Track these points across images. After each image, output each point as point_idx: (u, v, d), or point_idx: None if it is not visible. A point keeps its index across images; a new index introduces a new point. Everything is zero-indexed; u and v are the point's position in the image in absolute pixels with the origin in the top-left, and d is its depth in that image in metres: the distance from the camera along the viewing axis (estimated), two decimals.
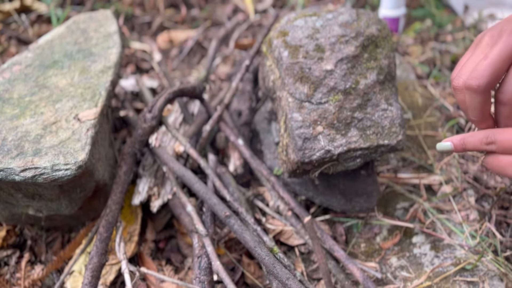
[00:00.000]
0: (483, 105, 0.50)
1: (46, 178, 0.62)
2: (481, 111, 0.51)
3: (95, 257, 0.68)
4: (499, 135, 0.49)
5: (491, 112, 0.53)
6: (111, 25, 0.93)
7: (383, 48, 0.77)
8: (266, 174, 0.83)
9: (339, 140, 0.70)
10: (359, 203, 0.80)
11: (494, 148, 0.49)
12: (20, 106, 0.72)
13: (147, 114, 0.79)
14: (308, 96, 0.72)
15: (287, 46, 0.76)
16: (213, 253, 0.68)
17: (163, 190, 0.82)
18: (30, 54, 0.85)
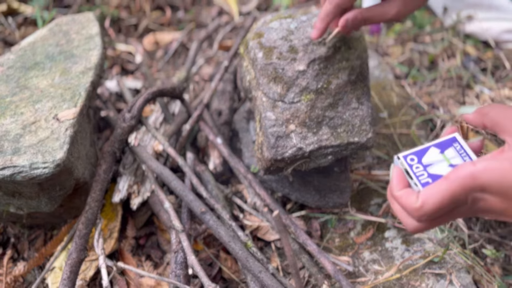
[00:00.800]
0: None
1: (25, 176, 0.64)
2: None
3: (74, 252, 0.70)
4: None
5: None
6: (93, 27, 0.95)
7: (355, 49, 0.80)
8: (244, 171, 0.85)
9: (311, 138, 0.73)
10: (333, 199, 0.83)
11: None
12: (0, 107, 0.74)
13: (126, 113, 0.81)
14: (281, 95, 0.75)
15: (262, 47, 0.79)
16: (189, 248, 0.71)
17: (142, 188, 0.84)
18: (12, 56, 0.86)
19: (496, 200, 0.42)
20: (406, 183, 0.49)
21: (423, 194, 0.44)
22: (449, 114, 1.04)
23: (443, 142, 0.52)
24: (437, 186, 0.43)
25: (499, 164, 0.41)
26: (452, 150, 0.51)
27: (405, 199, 0.46)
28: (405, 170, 0.51)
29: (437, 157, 0.51)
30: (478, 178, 0.41)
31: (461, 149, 0.51)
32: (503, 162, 0.42)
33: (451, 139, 0.52)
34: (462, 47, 1.28)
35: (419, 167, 0.51)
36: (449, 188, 0.42)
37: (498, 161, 0.42)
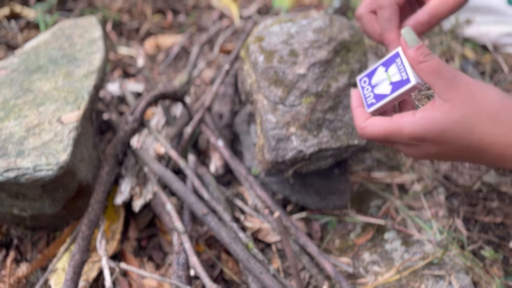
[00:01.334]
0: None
1: (28, 178, 0.65)
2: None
3: (77, 254, 0.70)
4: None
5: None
6: (95, 31, 0.96)
7: (355, 53, 0.81)
8: (245, 173, 0.86)
9: (311, 141, 0.74)
10: (333, 201, 0.83)
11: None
12: (4, 109, 0.75)
13: (129, 116, 0.82)
14: (281, 98, 0.76)
15: (263, 51, 0.80)
16: (191, 249, 0.71)
17: (145, 190, 0.85)
18: (16, 59, 0.87)
19: (428, 145, 0.50)
20: (361, 103, 0.59)
21: (369, 121, 0.54)
22: None
23: (388, 59, 0.54)
24: (380, 121, 0.53)
25: (430, 113, 0.49)
26: (394, 66, 0.53)
27: (357, 116, 0.57)
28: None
29: (382, 76, 0.55)
30: (414, 128, 0.49)
31: (401, 65, 0.52)
32: (434, 112, 0.49)
33: (394, 55, 0.54)
34: (460, 50, 1.29)
35: (368, 88, 0.56)
36: (387, 128, 0.51)
37: (431, 111, 0.49)
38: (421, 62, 0.49)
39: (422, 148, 0.51)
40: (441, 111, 0.48)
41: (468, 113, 0.47)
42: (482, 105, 0.48)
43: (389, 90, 0.53)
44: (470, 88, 0.48)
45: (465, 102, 0.48)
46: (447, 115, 0.48)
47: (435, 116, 0.48)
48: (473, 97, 0.48)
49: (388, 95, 0.53)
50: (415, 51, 0.50)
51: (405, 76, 0.51)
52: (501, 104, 0.48)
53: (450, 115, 0.47)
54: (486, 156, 0.49)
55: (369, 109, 0.56)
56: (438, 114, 0.48)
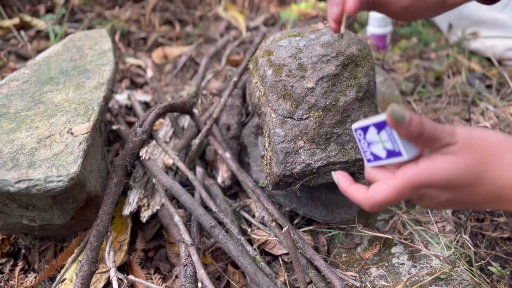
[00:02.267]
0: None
1: (39, 189, 0.65)
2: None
3: (86, 265, 0.71)
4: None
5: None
6: (105, 43, 0.97)
7: (363, 67, 0.82)
8: (252, 186, 0.87)
9: (319, 154, 0.74)
10: (340, 214, 0.84)
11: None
12: (16, 121, 0.76)
13: (138, 128, 0.83)
14: (290, 112, 0.76)
15: (271, 64, 0.80)
16: (198, 262, 0.72)
17: (152, 201, 0.85)
18: (27, 70, 0.89)
19: (438, 192, 0.48)
20: (351, 180, 0.55)
21: (372, 189, 0.50)
22: None
23: (379, 122, 0.51)
24: (385, 183, 0.49)
25: (433, 163, 0.47)
26: (384, 133, 0.51)
27: (355, 192, 0.53)
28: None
29: (375, 138, 0.52)
30: (420, 177, 0.47)
31: (390, 134, 0.50)
32: (436, 162, 0.47)
33: (383, 121, 0.51)
34: (467, 64, 1.30)
35: (364, 143, 0.54)
36: (396, 186, 0.48)
37: (434, 161, 0.47)
38: (417, 136, 0.47)
39: (434, 196, 0.49)
40: (445, 161, 0.47)
41: (473, 162, 0.47)
42: (486, 151, 0.47)
43: (384, 155, 0.51)
44: (471, 136, 0.48)
45: (468, 152, 0.47)
46: (451, 165, 0.47)
47: (438, 166, 0.47)
48: (476, 145, 0.47)
49: (384, 160, 0.52)
50: (408, 128, 0.47)
51: (397, 149, 0.49)
52: (505, 145, 0.47)
53: (455, 165, 0.47)
54: (501, 201, 0.48)
55: (368, 164, 0.54)
56: (442, 163, 0.47)
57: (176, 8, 1.72)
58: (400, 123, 0.46)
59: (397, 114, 0.46)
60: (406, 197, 0.50)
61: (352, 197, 0.53)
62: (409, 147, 0.49)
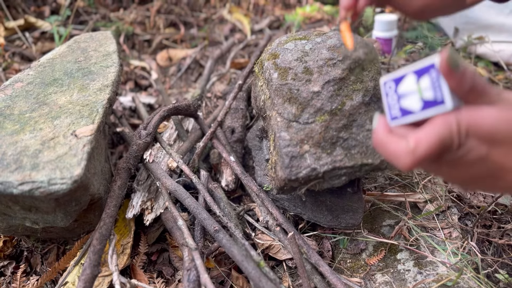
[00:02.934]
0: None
1: (43, 191, 0.65)
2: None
3: (88, 268, 0.70)
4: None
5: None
6: (110, 45, 0.97)
7: (369, 71, 0.81)
8: (256, 190, 0.86)
9: (325, 159, 0.73)
10: (345, 220, 0.83)
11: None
12: (20, 122, 0.75)
13: (142, 130, 0.82)
14: (295, 116, 0.76)
15: (277, 68, 0.80)
16: (202, 266, 0.71)
17: (156, 204, 0.85)
18: (31, 72, 0.88)
19: (477, 144, 0.43)
20: (390, 129, 0.49)
21: (415, 139, 0.44)
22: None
23: (422, 68, 0.46)
24: (426, 131, 0.44)
25: (479, 109, 0.43)
26: (427, 79, 0.45)
27: (396, 144, 0.46)
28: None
29: (412, 87, 0.46)
30: (465, 120, 0.43)
31: (436, 80, 0.45)
32: (483, 109, 0.43)
33: (430, 65, 0.45)
34: (473, 68, 1.29)
35: (393, 97, 0.48)
36: (439, 131, 0.43)
37: (480, 108, 0.43)
38: (468, 89, 0.43)
39: (471, 149, 0.44)
40: (492, 110, 0.43)
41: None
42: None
43: (419, 107, 0.45)
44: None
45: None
46: (499, 115, 0.42)
47: (485, 113, 0.43)
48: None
49: (416, 113, 0.46)
50: (461, 78, 0.43)
51: (440, 97, 0.44)
52: None
53: (502, 116, 0.42)
54: None
55: (392, 122, 0.48)
56: (489, 112, 0.43)
57: (180, 11, 1.72)
58: (455, 71, 0.42)
59: (454, 60, 0.42)
60: (447, 148, 0.44)
61: (388, 149, 0.46)
62: (454, 97, 0.44)
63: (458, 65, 0.42)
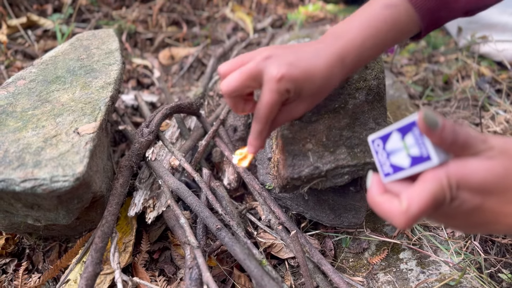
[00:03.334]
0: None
1: (45, 189, 0.65)
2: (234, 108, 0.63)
3: (90, 266, 0.70)
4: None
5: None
6: (112, 43, 0.97)
7: (372, 70, 0.81)
8: (259, 188, 0.86)
9: (328, 157, 0.73)
10: (348, 219, 0.82)
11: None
12: (22, 119, 0.75)
13: (145, 128, 0.82)
14: None
15: None
16: (204, 264, 0.71)
17: (158, 203, 0.84)
18: (34, 69, 0.88)
19: (470, 196, 0.44)
20: (384, 187, 0.50)
21: (408, 198, 0.45)
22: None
23: (404, 126, 0.47)
24: (418, 190, 0.44)
25: (468, 163, 0.44)
26: (411, 136, 0.47)
27: (389, 204, 0.46)
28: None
29: (398, 144, 0.48)
30: (456, 174, 0.44)
31: (419, 137, 0.46)
32: (471, 162, 0.44)
33: (411, 122, 0.47)
34: (476, 68, 1.29)
35: (383, 154, 0.49)
36: (431, 189, 0.44)
37: (468, 161, 0.44)
38: (450, 143, 0.44)
39: (464, 201, 0.45)
40: (481, 163, 0.44)
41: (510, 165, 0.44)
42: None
43: (408, 164, 0.47)
44: (506, 143, 0.45)
45: (506, 158, 0.44)
46: (489, 167, 0.44)
47: (474, 166, 0.44)
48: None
49: (407, 169, 0.47)
50: (441, 134, 0.44)
51: (426, 153, 0.45)
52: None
53: (492, 168, 0.44)
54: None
55: (385, 179, 0.49)
56: (477, 164, 0.44)
57: (183, 9, 1.71)
58: (433, 129, 0.43)
59: (430, 119, 0.43)
60: (440, 203, 0.44)
61: (382, 209, 0.47)
62: (439, 151, 0.45)
63: (435, 123, 0.43)
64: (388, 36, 0.62)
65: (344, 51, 0.60)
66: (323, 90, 0.62)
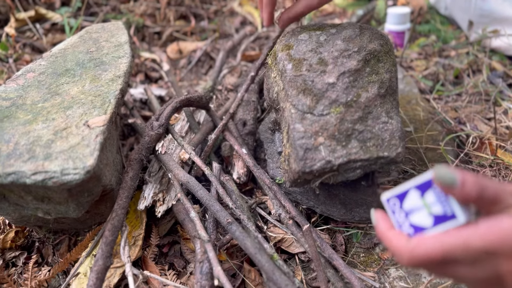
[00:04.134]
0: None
1: (56, 181, 0.64)
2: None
3: (100, 259, 0.70)
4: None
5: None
6: (122, 36, 0.96)
7: (385, 63, 0.80)
8: (269, 183, 0.85)
9: (340, 151, 0.72)
10: (359, 213, 0.82)
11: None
12: (32, 112, 0.75)
13: (154, 122, 0.82)
14: (310, 107, 0.74)
15: (291, 59, 0.79)
16: (215, 258, 0.70)
17: (168, 196, 0.84)
18: (43, 62, 0.88)
19: (501, 262, 0.39)
20: (391, 224, 0.48)
21: (416, 241, 0.42)
22: (476, 130, 1.02)
23: (423, 183, 0.44)
24: (434, 238, 0.42)
25: (500, 223, 0.39)
26: (432, 194, 0.43)
27: (394, 239, 0.45)
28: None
29: (417, 202, 0.45)
30: (485, 239, 0.39)
31: (441, 193, 0.43)
32: (504, 222, 0.39)
33: (430, 179, 0.44)
34: (488, 62, 1.27)
35: (401, 213, 0.46)
36: (447, 243, 0.40)
37: (501, 221, 0.39)
38: (476, 199, 0.40)
39: (492, 265, 0.40)
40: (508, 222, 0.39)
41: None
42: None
43: (430, 223, 0.43)
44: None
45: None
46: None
47: (504, 227, 0.39)
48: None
49: (429, 229, 0.43)
50: (462, 191, 0.40)
51: (450, 211, 0.41)
52: None
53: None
54: None
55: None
56: (507, 224, 0.39)
57: (191, 3, 1.70)
58: (451, 187, 0.40)
59: (444, 177, 0.40)
60: (455, 261, 0.41)
61: (389, 244, 0.45)
62: (465, 209, 0.41)
63: (451, 181, 0.40)
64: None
65: None
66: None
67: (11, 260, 0.83)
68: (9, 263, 0.83)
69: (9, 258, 0.83)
